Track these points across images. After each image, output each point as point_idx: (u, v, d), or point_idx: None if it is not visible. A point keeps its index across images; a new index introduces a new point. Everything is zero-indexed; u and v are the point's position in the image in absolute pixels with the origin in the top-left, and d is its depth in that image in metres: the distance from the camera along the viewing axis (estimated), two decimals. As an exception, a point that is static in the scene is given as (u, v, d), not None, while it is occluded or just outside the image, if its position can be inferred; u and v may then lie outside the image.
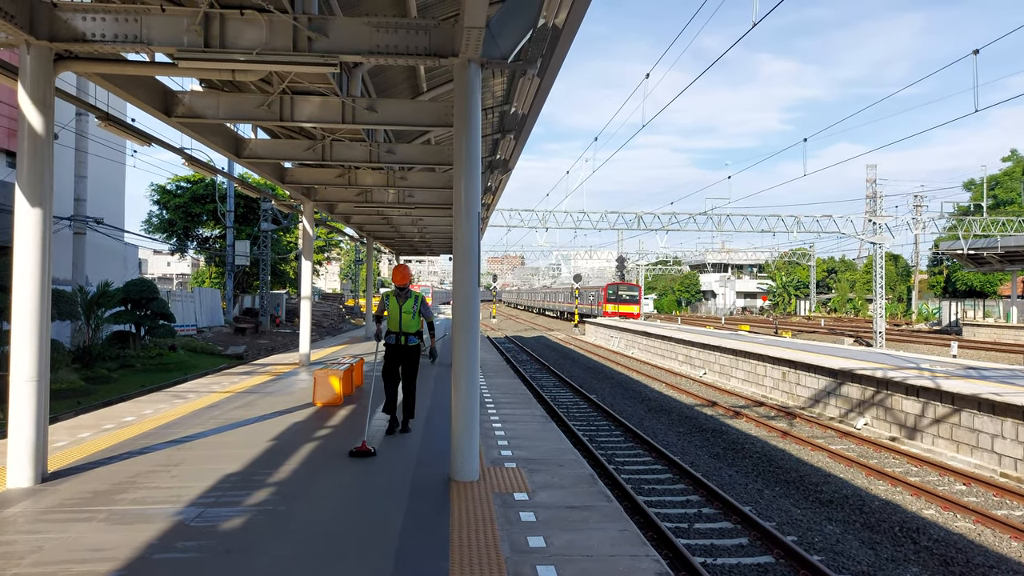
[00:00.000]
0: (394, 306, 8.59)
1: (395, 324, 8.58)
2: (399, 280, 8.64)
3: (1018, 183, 55.28)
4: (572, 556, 4.85)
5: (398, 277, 8.66)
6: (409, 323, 8.60)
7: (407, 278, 8.60)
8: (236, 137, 12.00)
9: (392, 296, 8.63)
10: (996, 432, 11.52)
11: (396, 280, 8.64)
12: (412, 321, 8.61)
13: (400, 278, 8.64)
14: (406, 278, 8.59)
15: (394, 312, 8.59)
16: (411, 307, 8.60)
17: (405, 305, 8.58)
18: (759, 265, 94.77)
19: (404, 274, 8.65)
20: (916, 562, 7.86)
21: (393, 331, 8.61)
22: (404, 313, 8.56)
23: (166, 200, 40.76)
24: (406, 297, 8.60)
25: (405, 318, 8.57)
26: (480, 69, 6.78)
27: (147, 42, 6.46)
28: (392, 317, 8.58)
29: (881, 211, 37.70)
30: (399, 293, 8.60)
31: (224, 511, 5.63)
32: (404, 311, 8.56)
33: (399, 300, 8.58)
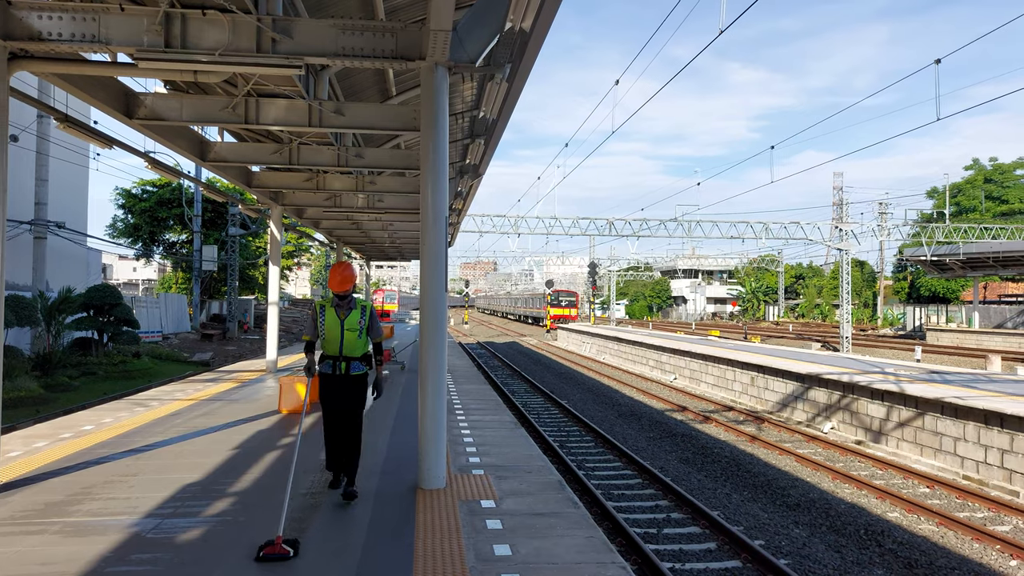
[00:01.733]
0: (333, 321, 6.15)
1: (333, 346, 6.16)
2: (339, 285, 6.20)
3: (979, 191, 56.61)
4: (538, 564, 4.80)
5: (337, 280, 6.21)
6: (354, 344, 6.18)
7: (350, 281, 6.22)
8: (201, 140, 11.80)
9: (329, 307, 6.23)
10: (959, 435, 11.71)
11: (335, 285, 6.21)
12: (358, 342, 6.19)
13: (340, 282, 6.20)
14: (348, 281, 6.20)
15: (333, 330, 6.15)
16: (356, 322, 6.18)
17: (349, 320, 6.16)
18: (729, 271, 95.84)
19: (346, 276, 6.22)
20: (881, 565, 7.93)
21: (330, 356, 6.17)
22: (347, 331, 6.14)
23: (131, 204, 40.00)
24: (349, 308, 6.22)
25: (349, 338, 6.15)
26: (448, 73, 6.73)
27: (106, 42, 6.32)
28: (330, 337, 6.17)
29: (847, 218, 38.28)
30: (339, 303, 6.21)
31: (182, 522, 5.48)
32: (347, 328, 6.14)
33: (339, 313, 6.17)
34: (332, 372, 6.19)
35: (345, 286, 6.19)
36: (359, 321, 6.21)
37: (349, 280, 6.21)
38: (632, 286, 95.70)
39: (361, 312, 6.25)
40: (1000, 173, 57.49)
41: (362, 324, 6.22)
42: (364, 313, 6.27)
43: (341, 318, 6.16)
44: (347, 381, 6.22)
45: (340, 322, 6.16)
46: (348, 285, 6.19)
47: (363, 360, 6.28)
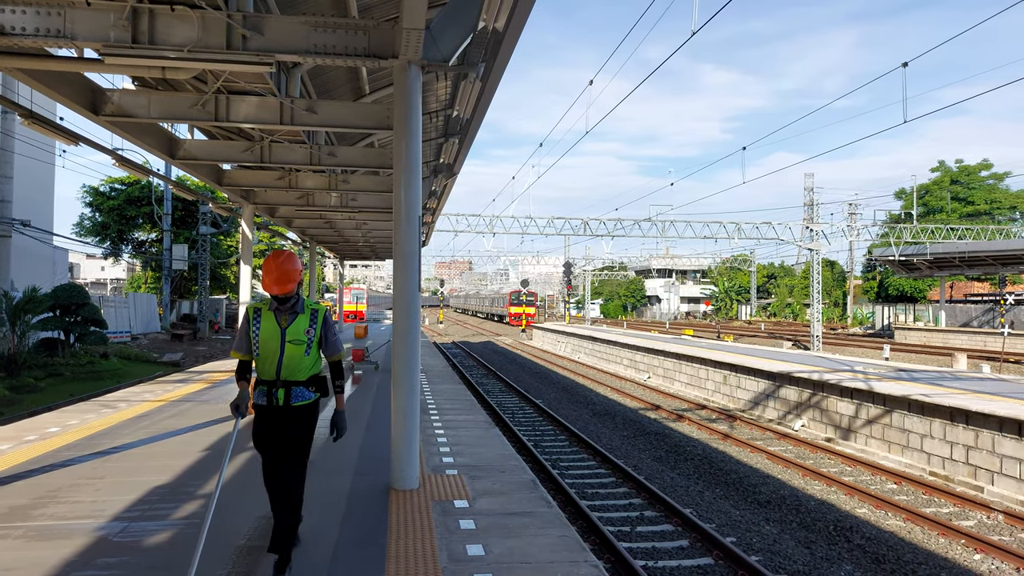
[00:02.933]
0: (270, 331, 4.53)
1: (270, 366, 4.51)
2: (277, 285, 4.51)
3: (946, 192, 57.70)
4: (511, 564, 4.80)
5: (274, 278, 4.51)
6: (298, 363, 4.53)
7: (291, 279, 4.53)
8: (170, 137, 11.64)
9: (266, 311, 4.60)
10: (925, 432, 11.92)
11: (271, 285, 4.51)
12: (305, 360, 4.56)
13: (278, 280, 4.50)
14: (289, 279, 4.52)
15: (270, 343, 4.51)
16: (302, 333, 4.56)
17: (292, 329, 4.54)
18: (702, 271, 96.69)
19: (285, 272, 4.52)
20: (849, 560, 8.05)
21: (266, 380, 4.54)
22: (290, 345, 4.52)
23: (99, 202, 39.32)
24: (293, 313, 4.59)
25: (292, 354, 4.52)
26: (421, 72, 6.70)
27: (71, 37, 6.20)
28: (265, 353, 4.52)
29: (818, 219, 38.83)
30: (279, 307, 4.57)
31: (150, 525, 5.40)
32: (290, 340, 4.52)
33: (279, 320, 4.56)
34: (267, 403, 4.50)
35: (286, 286, 4.49)
36: (307, 331, 4.54)
37: (290, 277, 4.51)
38: (607, 286, 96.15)
39: (311, 319, 4.59)
40: (966, 175, 58.64)
41: (311, 335, 4.55)
42: (315, 320, 4.60)
43: (282, 326, 4.51)
44: (287, 415, 4.50)
45: (280, 332, 4.49)
46: (289, 285, 4.50)
47: (312, 385, 4.59)
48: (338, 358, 4.75)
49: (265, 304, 4.67)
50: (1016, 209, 56.89)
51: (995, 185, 57.84)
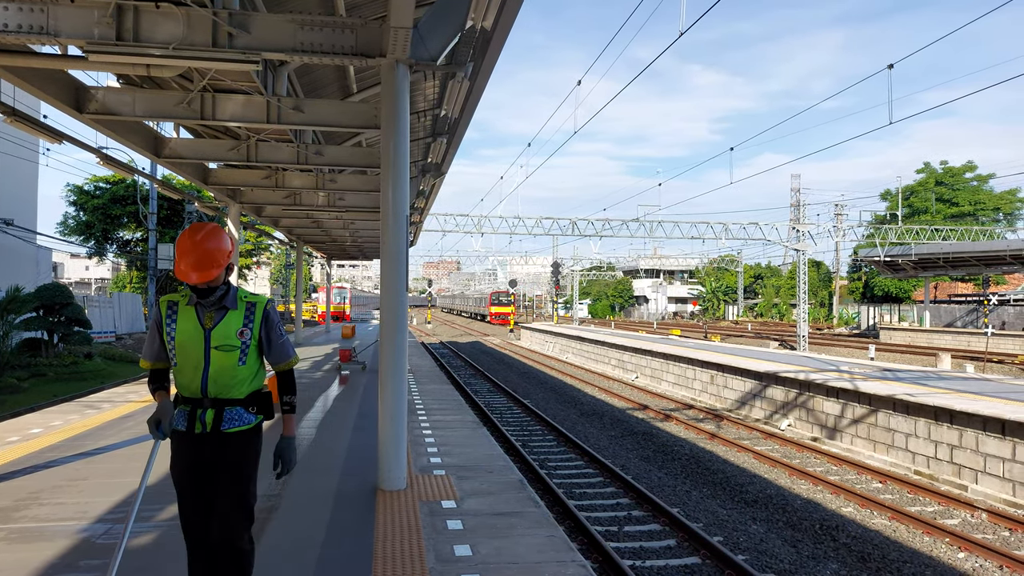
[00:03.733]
0: (190, 333, 3.41)
1: (191, 381, 3.42)
2: (196, 268, 3.32)
3: (930, 194, 58.21)
4: (498, 564, 4.79)
5: (190, 261, 3.33)
6: (231, 375, 3.44)
7: (216, 261, 3.36)
8: (156, 136, 11.55)
9: (185, 307, 3.47)
10: (910, 431, 12.01)
11: (187, 269, 3.32)
12: (240, 372, 3.46)
13: (197, 263, 3.34)
14: (214, 261, 3.36)
15: (189, 349, 3.40)
16: (233, 335, 3.44)
17: (220, 329, 3.42)
18: (690, 271, 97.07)
19: (206, 252, 3.36)
20: (835, 559, 8.10)
21: (188, 397, 3.46)
22: (217, 351, 3.41)
23: (83, 201, 38.96)
24: (221, 309, 3.46)
25: (221, 363, 3.41)
26: (408, 71, 6.68)
27: (54, 34, 6.13)
28: (184, 362, 3.41)
29: (804, 219, 39.04)
30: (201, 300, 3.44)
31: (134, 527, 5.34)
32: (217, 346, 3.41)
33: (202, 317, 3.44)
34: (188, 428, 3.39)
35: (207, 271, 3.27)
36: (240, 333, 3.39)
37: (213, 259, 3.28)
38: (595, 286, 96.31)
39: (246, 316, 3.42)
40: (950, 176, 59.19)
41: (246, 338, 3.40)
42: (251, 318, 3.43)
43: (206, 326, 3.35)
44: (218, 446, 3.38)
45: (203, 334, 3.34)
46: (212, 270, 3.28)
47: (252, 405, 3.46)
48: (287, 367, 3.58)
49: (183, 296, 3.42)
50: (999, 210, 57.51)
51: (979, 187, 58.43)
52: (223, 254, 3.40)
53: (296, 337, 26.73)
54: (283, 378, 3.63)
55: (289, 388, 3.64)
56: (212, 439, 3.43)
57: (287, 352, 3.64)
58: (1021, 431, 9.94)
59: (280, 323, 3.63)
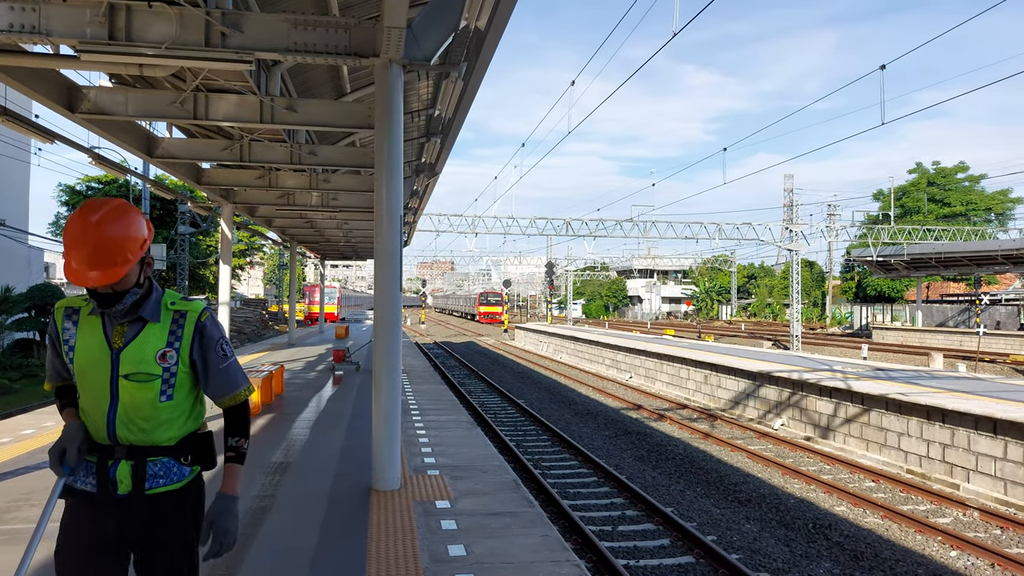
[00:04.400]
0: (92, 353, 2.36)
1: (96, 419, 2.37)
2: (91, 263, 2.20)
3: (923, 194, 58.47)
4: (492, 564, 4.79)
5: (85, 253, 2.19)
6: (150, 416, 2.38)
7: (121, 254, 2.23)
8: (148, 136, 11.50)
9: (88, 319, 2.41)
10: (903, 431, 12.06)
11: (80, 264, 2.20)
12: (163, 408, 2.40)
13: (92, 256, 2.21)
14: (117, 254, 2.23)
15: (90, 377, 2.36)
16: (151, 358, 2.37)
17: (133, 349, 2.36)
18: (683, 271, 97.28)
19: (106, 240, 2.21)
20: (828, 558, 8.12)
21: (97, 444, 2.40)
22: (128, 381, 2.34)
23: (76, 201, 38.79)
24: (138, 322, 2.39)
25: (135, 398, 2.35)
26: (402, 71, 6.68)
27: (46, 33, 6.10)
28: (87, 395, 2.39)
29: (797, 219, 39.16)
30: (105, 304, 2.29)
31: None
32: (127, 374, 2.34)
33: (109, 332, 2.37)
34: (96, 488, 2.41)
35: (108, 269, 2.24)
36: (161, 355, 2.41)
37: (117, 251, 2.25)
38: (589, 286, 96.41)
39: (172, 331, 2.44)
40: (943, 176, 59.47)
41: (170, 363, 2.42)
42: (178, 334, 2.45)
43: (114, 346, 2.38)
44: (137, 513, 2.41)
45: (110, 356, 2.38)
46: (116, 268, 2.25)
47: (184, 453, 2.51)
48: (235, 401, 2.56)
49: (74, 305, 2.43)
50: (991, 211, 57.82)
51: (971, 187, 58.73)
52: (134, 243, 2.26)
53: (290, 338, 26.64)
54: (231, 417, 2.57)
55: (238, 429, 2.57)
56: (128, 505, 2.36)
57: (234, 380, 2.54)
58: (1012, 430, 9.99)
59: (223, 340, 2.53)
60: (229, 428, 2.59)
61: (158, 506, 2.42)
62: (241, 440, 2.60)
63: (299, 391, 13.08)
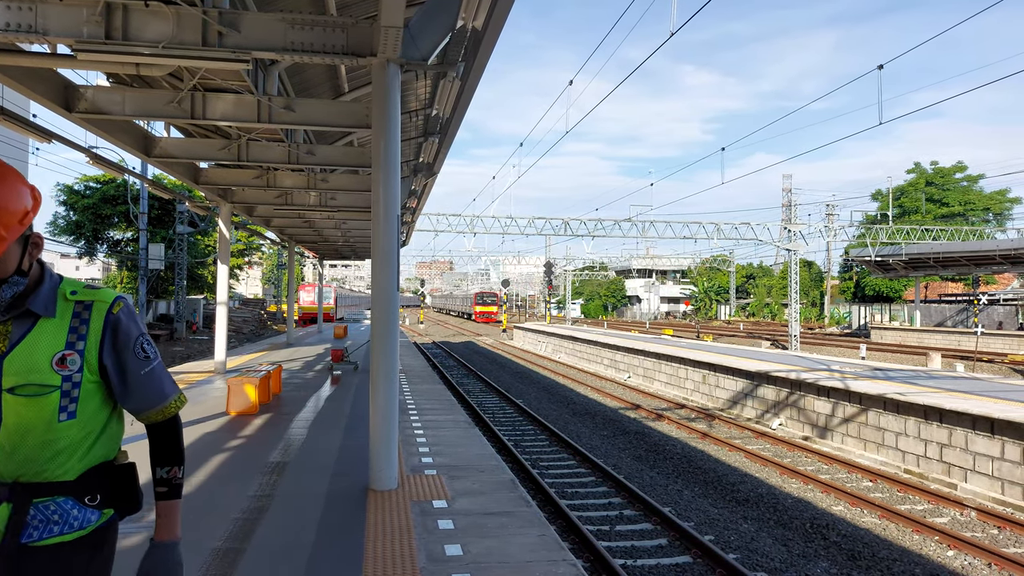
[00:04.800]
0: None
1: None
2: None
3: (921, 194, 58.51)
4: (489, 564, 4.79)
5: None
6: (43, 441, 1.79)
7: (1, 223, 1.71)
8: (146, 135, 11.49)
9: None
10: (900, 430, 12.07)
11: None
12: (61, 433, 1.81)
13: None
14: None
15: None
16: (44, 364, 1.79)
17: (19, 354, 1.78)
18: (682, 271, 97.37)
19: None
20: (826, 557, 8.13)
21: None
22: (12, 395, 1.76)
23: (73, 201, 38.76)
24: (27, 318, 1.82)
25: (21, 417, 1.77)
26: (400, 70, 6.67)
27: (43, 32, 6.10)
28: None
29: (796, 219, 39.16)
30: None
31: (124, 527, 5.31)
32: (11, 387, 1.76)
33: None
34: None
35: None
36: (60, 359, 1.82)
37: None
38: (587, 286, 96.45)
39: (73, 327, 1.87)
40: (940, 176, 59.52)
41: (73, 369, 1.84)
42: (82, 331, 1.87)
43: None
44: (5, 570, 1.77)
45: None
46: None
47: (89, 492, 1.89)
48: (163, 416, 2.03)
49: None
50: (989, 210, 57.88)
51: (969, 187, 58.79)
52: (8, 215, 1.77)
53: (288, 337, 26.61)
54: (158, 436, 2.01)
55: (169, 454, 2.02)
56: (4, 560, 1.77)
57: (159, 389, 1.99)
58: (1010, 430, 10.00)
59: (144, 337, 1.96)
60: (157, 453, 2.02)
61: (47, 564, 1.78)
62: (174, 469, 2.03)
63: (297, 391, 13.07)
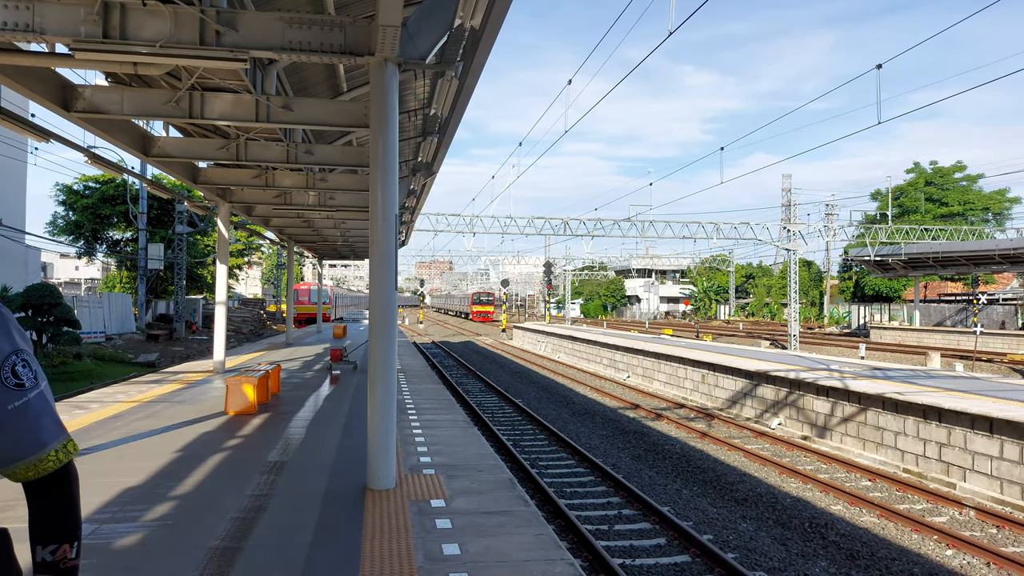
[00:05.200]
0: None
1: None
2: None
3: (920, 194, 58.51)
4: (486, 563, 4.78)
5: None
6: None
7: None
8: (144, 135, 11.48)
9: None
10: (899, 430, 12.07)
11: None
12: None
13: None
14: None
15: None
16: None
17: None
18: (682, 271, 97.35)
19: None
20: (824, 557, 8.12)
21: None
22: None
23: (72, 201, 38.73)
24: None
25: None
26: (398, 69, 6.66)
27: (40, 31, 6.10)
28: None
29: (795, 219, 39.14)
30: None
31: (121, 527, 5.32)
32: None
33: None
34: None
35: None
36: None
37: None
38: (587, 285, 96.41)
39: None
40: (940, 176, 59.51)
41: None
42: None
43: None
44: None
45: None
46: None
47: None
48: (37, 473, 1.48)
49: None
50: (989, 210, 57.87)
51: (968, 187, 58.78)
52: None
53: (287, 337, 26.59)
54: (38, 501, 1.49)
55: (55, 525, 1.49)
56: None
57: (34, 433, 1.50)
58: (1008, 429, 10.00)
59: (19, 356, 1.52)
60: (37, 525, 1.47)
61: None
62: (64, 548, 1.46)
63: (296, 390, 13.07)
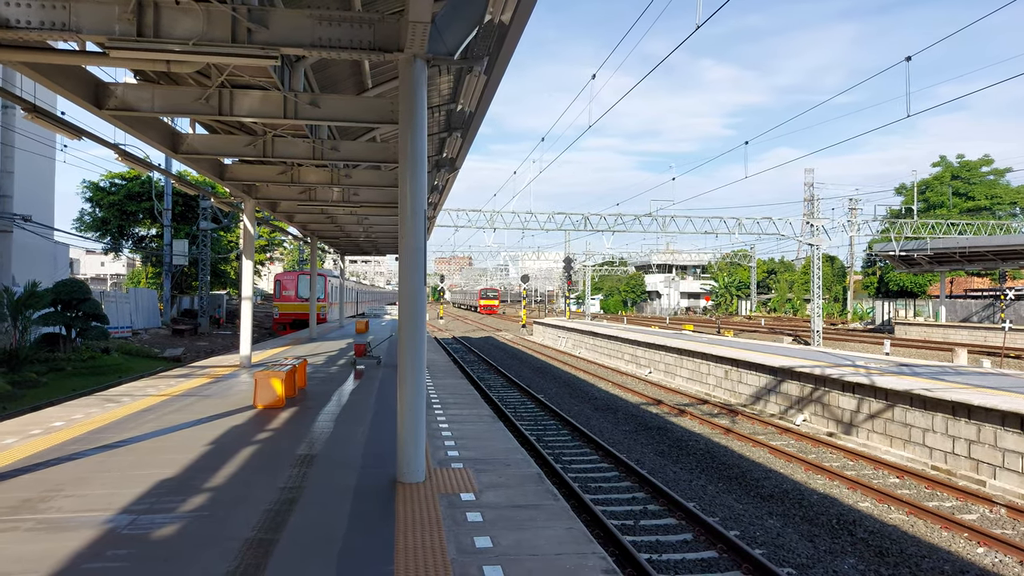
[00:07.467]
0: None
1: None
2: None
3: (947, 188, 57.69)
4: (519, 556, 4.81)
5: None
6: None
7: None
8: (173, 132, 11.62)
9: None
10: (927, 427, 11.93)
11: None
12: None
13: None
14: None
15: None
16: None
17: None
18: (702, 266, 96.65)
19: None
20: (853, 554, 8.07)
21: None
22: None
23: (99, 198, 39.31)
24: None
25: None
26: (426, 65, 6.69)
27: (76, 30, 6.19)
28: None
29: (818, 214, 38.72)
30: None
31: (158, 518, 5.41)
32: None
33: None
34: None
35: None
36: None
37: None
38: (607, 281, 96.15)
39: None
40: (967, 170, 58.64)
41: None
42: None
43: None
44: None
45: None
46: None
47: None
48: None
49: None
50: (1016, 204, 56.91)
51: (996, 180, 57.86)
52: None
53: (311, 332, 26.80)
54: None
55: None
56: None
57: None
58: (1041, 426, 9.85)
59: None
60: None
61: None
62: None
63: (322, 385, 13.18)
